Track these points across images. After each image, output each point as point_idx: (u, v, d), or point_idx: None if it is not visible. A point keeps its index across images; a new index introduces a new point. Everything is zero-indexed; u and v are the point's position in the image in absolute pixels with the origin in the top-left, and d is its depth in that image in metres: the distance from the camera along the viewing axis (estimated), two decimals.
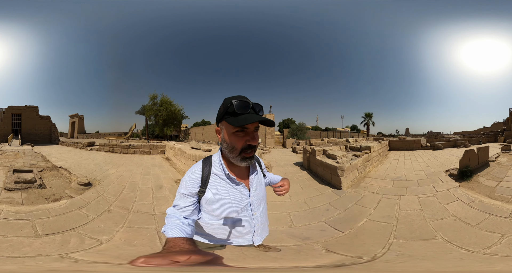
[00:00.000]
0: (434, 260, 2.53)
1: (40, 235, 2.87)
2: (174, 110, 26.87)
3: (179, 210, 1.21)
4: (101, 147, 13.56)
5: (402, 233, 3.38)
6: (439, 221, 3.75)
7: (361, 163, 7.33)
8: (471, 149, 6.89)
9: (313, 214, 4.35)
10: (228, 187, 1.25)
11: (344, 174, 5.96)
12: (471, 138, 17.85)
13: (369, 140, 19.10)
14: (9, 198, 4.21)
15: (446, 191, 5.10)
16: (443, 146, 13.77)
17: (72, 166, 7.75)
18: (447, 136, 27.93)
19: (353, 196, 5.21)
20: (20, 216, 3.39)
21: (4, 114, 27.81)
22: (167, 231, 1.10)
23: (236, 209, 1.26)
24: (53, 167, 7.58)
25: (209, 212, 1.25)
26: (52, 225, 3.19)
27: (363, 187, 5.82)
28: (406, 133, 49.00)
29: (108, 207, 4.02)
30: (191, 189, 1.21)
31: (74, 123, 38.21)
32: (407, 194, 5.13)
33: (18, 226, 3.05)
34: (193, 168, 1.28)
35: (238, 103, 1.10)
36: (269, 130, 26.07)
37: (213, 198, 1.22)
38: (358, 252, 2.81)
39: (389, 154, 12.32)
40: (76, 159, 9.81)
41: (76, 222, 3.33)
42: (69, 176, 6.34)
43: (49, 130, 28.39)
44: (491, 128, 37.63)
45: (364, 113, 37.55)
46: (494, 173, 6.18)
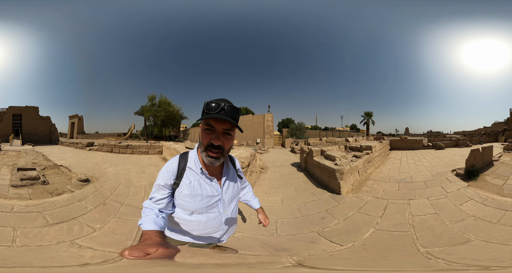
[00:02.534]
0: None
1: (52, 224, 3.40)
2: (173, 110, 27.31)
3: (154, 203, 1.30)
4: (100, 147, 14.11)
5: (429, 241, 3.10)
6: (460, 223, 3.61)
7: (362, 165, 6.92)
8: (477, 149, 6.87)
9: (305, 223, 3.96)
10: (201, 181, 1.33)
11: (344, 178, 5.53)
12: (472, 138, 18.20)
13: (369, 139, 19.11)
14: (17, 194, 4.67)
15: (457, 191, 4.99)
16: (445, 145, 13.83)
17: (72, 165, 8.29)
18: (449, 135, 27.91)
19: (354, 202, 4.79)
20: (30, 209, 3.89)
21: (5, 114, 28.17)
22: (144, 224, 1.17)
23: (207, 204, 1.33)
24: (55, 166, 8.10)
25: (181, 206, 1.33)
26: (59, 215, 3.73)
27: (366, 192, 5.42)
28: (406, 132, 49.12)
29: (103, 201, 4.57)
30: (167, 181, 1.30)
31: (74, 124, 38.80)
32: (416, 197, 4.88)
33: (32, 218, 3.56)
34: (170, 161, 1.38)
35: (208, 103, 1.21)
36: (268, 130, 26.45)
37: (186, 191, 1.30)
38: (383, 266, 2.49)
39: (390, 154, 12.19)
40: (75, 159, 10.35)
41: (76, 213, 3.88)
42: (70, 173, 6.89)
43: (49, 130, 28.85)
44: (492, 128, 37.79)
45: (364, 112, 37.62)
46: (500, 172, 6.22)
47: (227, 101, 1.25)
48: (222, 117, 1.17)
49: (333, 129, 39.76)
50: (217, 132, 1.22)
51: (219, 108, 1.18)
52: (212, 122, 1.21)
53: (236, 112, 1.23)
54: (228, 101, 1.25)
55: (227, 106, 1.20)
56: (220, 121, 1.20)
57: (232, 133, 1.26)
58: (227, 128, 1.22)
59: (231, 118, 1.20)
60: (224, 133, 1.23)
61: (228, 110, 1.19)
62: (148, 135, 29.33)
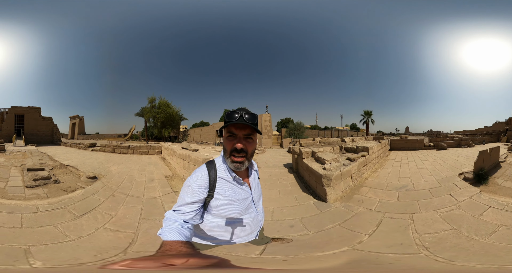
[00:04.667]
0: None
1: (79, 216, 4.11)
2: (172, 112, 28.16)
3: (180, 215, 1.29)
4: (102, 147, 14.89)
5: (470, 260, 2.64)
6: (494, 236, 3.18)
7: (356, 169, 6.48)
8: (485, 150, 6.58)
9: (267, 229, 3.16)
10: (234, 187, 1.41)
11: (332, 184, 5.11)
12: (474, 138, 17.69)
13: (368, 139, 18.69)
14: (35, 194, 5.14)
15: (470, 199, 4.50)
16: (447, 145, 13.39)
17: (78, 164, 9.08)
18: (450, 135, 27.93)
19: (340, 213, 4.29)
20: (54, 206, 4.50)
21: (7, 114, 28.56)
22: (164, 234, 1.15)
23: (244, 207, 1.42)
24: (62, 166, 8.80)
25: (219, 215, 1.37)
26: (80, 208, 4.48)
27: (357, 201, 4.88)
28: (406, 131, 49.47)
29: (112, 193, 5.44)
30: (200, 195, 1.32)
31: (75, 124, 39.40)
32: (421, 210, 4.22)
33: (60, 214, 4.18)
34: (198, 174, 1.38)
35: (229, 113, 1.32)
36: (266, 130, 27.14)
37: (223, 200, 1.35)
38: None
39: (390, 154, 11.92)
40: (80, 159, 11.12)
41: (93, 204, 4.69)
42: (77, 172, 7.69)
43: (51, 131, 29.39)
44: (493, 128, 38.09)
45: (363, 111, 37.37)
46: (510, 174, 5.97)
47: (245, 109, 1.35)
48: (241, 122, 1.30)
49: (332, 129, 40.01)
50: (238, 137, 1.33)
51: (238, 117, 1.30)
52: (233, 129, 1.33)
53: (254, 118, 1.33)
54: (246, 109, 1.35)
55: (246, 113, 1.31)
56: (240, 127, 1.32)
57: (253, 137, 1.37)
58: (248, 133, 1.34)
59: (249, 124, 1.31)
60: (245, 138, 1.34)
61: (247, 118, 1.30)
62: (148, 136, 30.03)
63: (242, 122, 1.29)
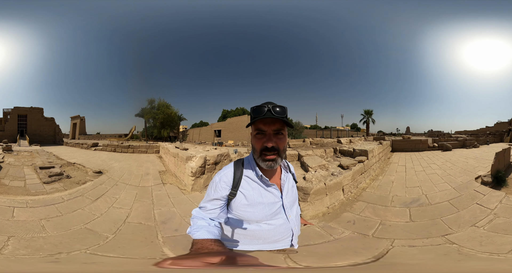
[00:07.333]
0: None
1: (94, 200, 5.36)
2: (171, 113, 29.48)
3: (205, 212, 1.29)
4: (104, 147, 16.22)
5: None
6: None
7: (350, 180, 5.39)
8: (500, 151, 6.49)
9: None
10: (261, 189, 1.32)
11: (309, 200, 4.27)
12: (478, 138, 17.58)
13: (368, 140, 18.40)
14: (54, 188, 5.92)
15: (501, 204, 4.13)
16: (452, 146, 13.05)
17: (84, 162, 10.32)
18: (454, 135, 27.87)
19: (309, 235, 3.48)
20: (74, 195, 5.58)
21: (11, 115, 29.71)
22: (193, 233, 1.17)
23: (270, 212, 1.32)
24: (69, 163, 9.98)
25: (240, 216, 1.31)
26: (94, 195, 5.76)
27: (346, 222, 3.93)
28: (407, 131, 50.10)
29: (115, 183, 6.87)
30: (222, 192, 1.28)
31: (76, 125, 40.59)
32: (454, 228, 3.42)
33: (81, 200, 5.24)
34: (224, 170, 1.35)
35: (254, 108, 1.23)
36: None
37: (245, 201, 1.29)
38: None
39: (391, 157, 11.09)
40: (84, 157, 12.35)
41: (103, 191, 6.03)
42: (84, 168, 8.92)
43: (54, 131, 30.50)
44: (495, 128, 38.66)
45: (364, 110, 37.57)
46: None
47: (272, 102, 1.26)
48: (270, 116, 1.20)
49: (332, 129, 40.46)
50: (268, 134, 1.24)
51: (265, 110, 1.21)
52: (261, 126, 1.24)
53: (284, 111, 1.24)
54: (272, 102, 1.26)
55: (273, 106, 1.22)
56: (269, 123, 1.23)
57: (283, 132, 1.27)
58: (277, 129, 1.24)
59: (279, 117, 1.21)
60: (275, 134, 1.25)
61: (276, 111, 1.21)
62: (148, 136, 31.18)
63: (272, 116, 1.21)
